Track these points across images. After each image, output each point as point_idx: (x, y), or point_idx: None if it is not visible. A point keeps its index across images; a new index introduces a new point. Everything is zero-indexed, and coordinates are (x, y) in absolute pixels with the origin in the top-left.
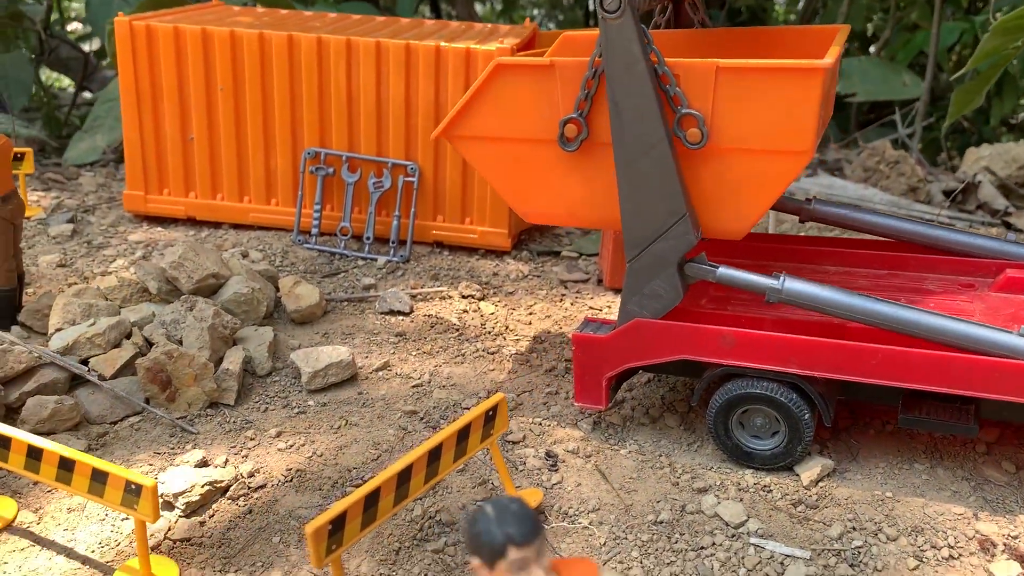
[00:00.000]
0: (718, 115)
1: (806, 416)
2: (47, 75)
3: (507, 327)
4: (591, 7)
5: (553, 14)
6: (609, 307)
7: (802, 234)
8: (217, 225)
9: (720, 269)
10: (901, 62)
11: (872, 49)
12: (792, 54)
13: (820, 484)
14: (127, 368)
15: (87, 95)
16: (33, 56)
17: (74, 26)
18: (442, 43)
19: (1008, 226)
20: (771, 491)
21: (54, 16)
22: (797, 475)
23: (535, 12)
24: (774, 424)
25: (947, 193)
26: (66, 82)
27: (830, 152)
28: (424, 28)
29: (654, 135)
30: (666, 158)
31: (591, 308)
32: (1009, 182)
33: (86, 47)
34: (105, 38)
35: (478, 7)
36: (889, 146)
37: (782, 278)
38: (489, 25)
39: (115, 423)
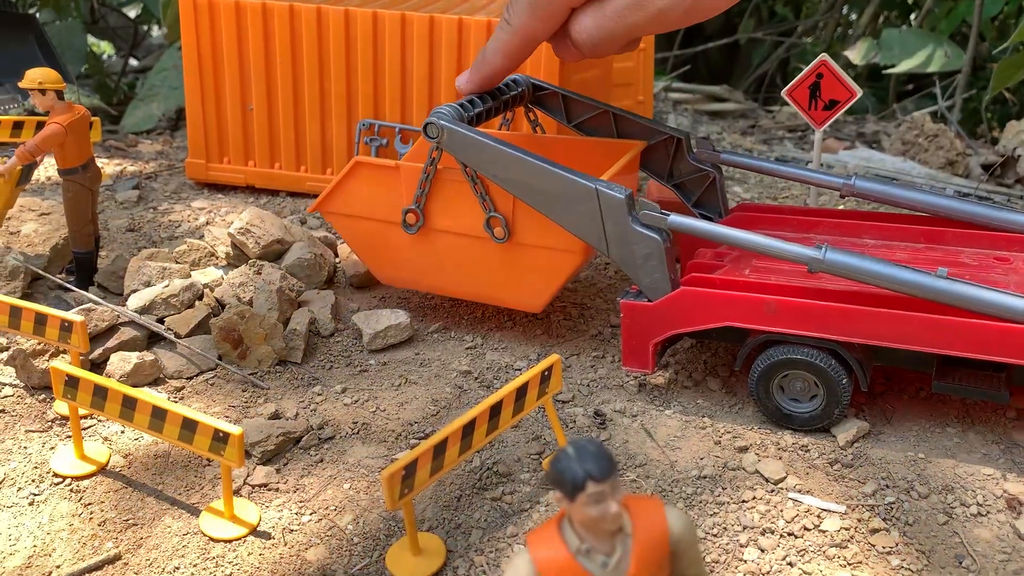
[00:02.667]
0: (516, 218)
1: (843, 381)
2: (92, 42)
3: (569, 283)
4: None
5: None
6: None
7: (841, 208)
8: (275, 193)
9: (671, 216)
10: (943, 32)
11: (913, 18)
12: (589, 167)
13: (856, 445)
14: (200, 327)
15: (134, 63)
16: (85, 24)
17: None
18: (491, 18)
19: None
20: (809, 451)
21: None
22: (834, 436)
23: None
24: (812, 388)
25: (986, 167)
26: (108, 48)
27: (868, 124)
28: (475, 2)
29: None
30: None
31: None
32: None
33: (131, 13)
34: (155, 6)
35: None
36: (928, 119)
37: (824, 249)
38: None
39: (191, 378)
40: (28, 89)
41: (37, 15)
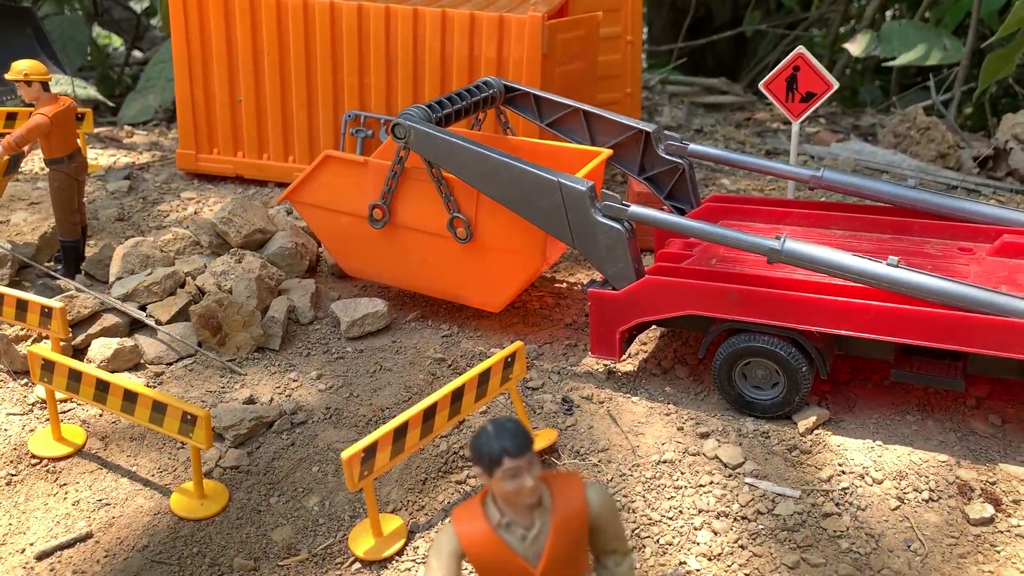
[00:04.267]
0: (479, 220)
1: (803, 369)
2: (97, 32)
3: (532, 283)
4: None
5: None
6: None
7: (815, 200)
8: (263, 183)
9: (632, 207)
10: (948, 25)
11: (925, 12)
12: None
13: (816, 432)
14: (181, 315)
15: (138, 54)
16: (88, 17)
17: None
18: (475, 11)
19: None
20: (769, 437)
21: None
22: (795, 423)
23: None
24: (774, 376)
25: (979, 160)
26: (115, 40)
27: (865, 117)
28: None
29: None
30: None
31: None
32: None
33: (136, 6)
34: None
35: None
36: (921, 112)
37: (782, 240)
38: None
39: (171, 364)
40: (14, 80)
41: (38, 8)
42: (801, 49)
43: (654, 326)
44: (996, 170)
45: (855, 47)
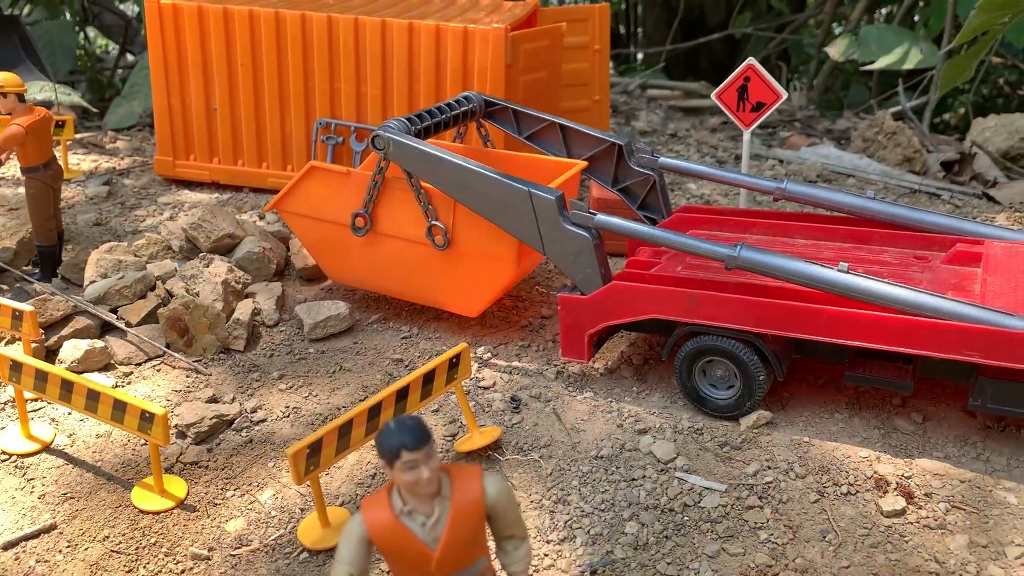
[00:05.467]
0: (456, 228)
1: (761, 377)
2: (94, 35)
3: (508, 291)
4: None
5: None
6: None
7: (780, 210)
8: (238, 189)
9: (598, 216)
10: (932, 29)
11: (908, 15)
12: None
13: (749, 430)
14: (151, 317)
15: (130, 58)
16: (78, 22)
17: None
18: (441, 23)
19: (988, 198)
20: (703, 434)
21: None
22: (728, 422)
23: None
24: (731, 378)
25: (946, 164)
26: (110, 42)
27: (841, 121)
28: (431, 5)
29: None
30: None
31: None
32: (1012, 152)
33: (127, 10)
34: (142, 6)
35: None
36: (888, 117)
37: (739, 247)
38: (493, 1)
39: (139, 364)
40: None
41: (26, 15)
42: (751, 60)
43: (622, 330)
44: (962, 174)
45: (834, 50)
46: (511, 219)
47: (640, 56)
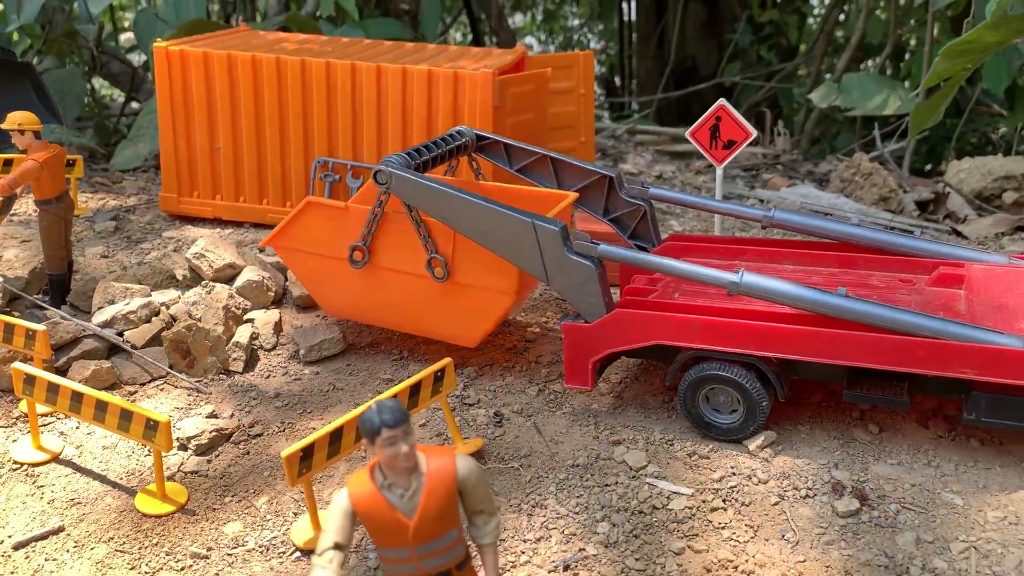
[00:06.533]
0: (456, 260)
1: (763, 403)
2: (100, 84)
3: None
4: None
5: (593, 24)
6: None
7: (768, 237)
8: (240, 224)
9: (601, 246)
10: (915, 77)
11: (871, 63)
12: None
13: (717, 441)
14: (155, 340)
15: (135, 105)
16: (86, 70)
17: (128, 35)
18: (432, 67)
19: (957, 233)
20: (673, 444)
21: (107, 29)
22: (697, 434)
23: (575, 23)
24: (735, 403)
25: (920, 203)
26: (116, 90)
27: (823, 164)
28: (424, 52)
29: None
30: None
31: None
32: (985, 192)
33: (134, 59)
34: (150, 55)
35: (519, 18)
36: (865, 159)
37: (741, 273)
38: (483, 49)
39: (144, 384)
40: (8, 130)
41: (40, 62)
42: (722, 101)
43: (623, 357)
44: (936, 212)
45: (817, 96)
46: (514, 250)
47: (635, 105)
